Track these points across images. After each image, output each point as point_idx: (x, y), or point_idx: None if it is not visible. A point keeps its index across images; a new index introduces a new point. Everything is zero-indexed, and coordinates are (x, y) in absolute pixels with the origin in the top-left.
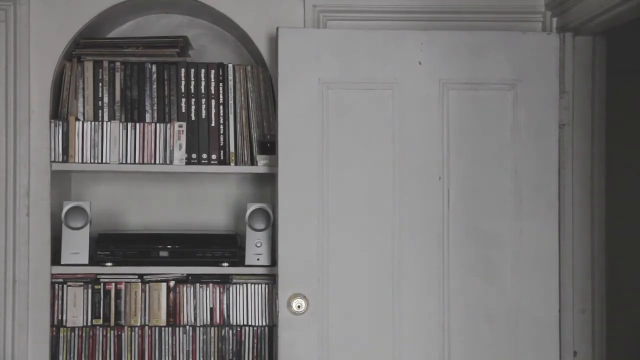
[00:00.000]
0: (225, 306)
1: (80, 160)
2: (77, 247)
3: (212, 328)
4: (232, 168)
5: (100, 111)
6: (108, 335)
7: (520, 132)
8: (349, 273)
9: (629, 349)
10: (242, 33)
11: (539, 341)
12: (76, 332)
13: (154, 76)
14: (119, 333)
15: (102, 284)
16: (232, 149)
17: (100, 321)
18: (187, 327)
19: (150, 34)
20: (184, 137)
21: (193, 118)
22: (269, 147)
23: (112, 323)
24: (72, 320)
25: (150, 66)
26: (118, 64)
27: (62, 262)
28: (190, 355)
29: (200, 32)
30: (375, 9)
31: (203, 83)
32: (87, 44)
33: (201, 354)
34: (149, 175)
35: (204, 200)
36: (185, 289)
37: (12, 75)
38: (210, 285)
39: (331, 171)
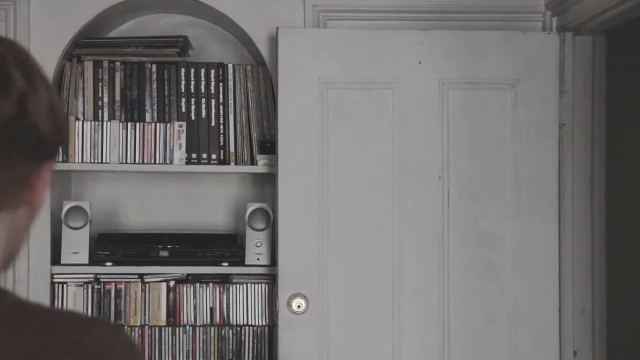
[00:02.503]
0: (225, 306)
1: (80, 160)
2: (77, 246)
3: (212, 328)
4: (232, 168)
5: (100, 111)
6: None
7: (520, 132)
8: (349, 273)
9: (629, 349)
10: (242, 33)
11: (539, 341)
12: None
13: (154, 76)
14: None
15: (102, 283)
16: (232, 149)
17: None
18: (187, 327)
19: (150, 34)
20: (184, 136)
21: (193, 118)
22: (269, 146)
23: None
24: None
25: (150, 66)
26: (118, 63)
27: (62, 262)
28: (190, 355)
29: (200, 32)
30: (375, 9)
31: (203, 83)
32: (87, 44)
33: (201, 354)
34: (149, 175)
35: (204, 200)
36: (185, 288)
37: None
38: (210, 285)
39: (331, 171)
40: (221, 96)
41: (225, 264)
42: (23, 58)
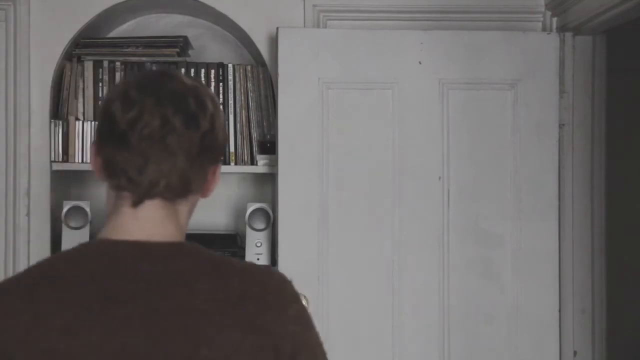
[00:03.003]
0: None
1: (80, 160)
2: None
3: None
4: (232, 168)
5: None
6: None
7: (520, 132)
8: (349, 273)
9: (629, 349)
10: (242, 33)
11: (539, 341)
12: None
13: None
14: None
15: None
16: (232, 149)
17: None
18: None
19: (150, 34)
20: None
21: None
22: (269, 147)
23: None
24: None
25: (150, 66)
26: (118, 63)
27: None
28: None
29: (200, 32)
30: (375, 9)
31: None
32: (87, 44)
33: None
34: None
35: (204, 200)
36: None
37: (12, 75)
38: None
39: (331, 171)
40: (221, 96)
41: None
42: (209, 92)
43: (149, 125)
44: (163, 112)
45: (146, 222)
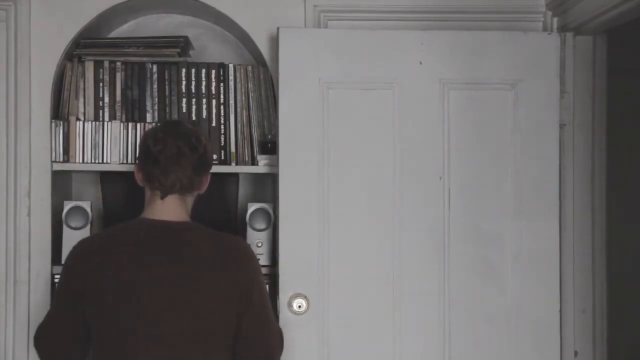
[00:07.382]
0: None
1: (81, 160)
2: None
3: None
4: (232, 168)
5: (100, 111)
6: None
7: (520, 132)
8: (350, 273)
9: (629, 349)
10: (242, 33)
11: (540, 341)
12: None
13: (155, 76)
14: None
15: None
16: (232, 149)
17: None
18: None
19: (151, 34)
20: None
21: (194, 118)
22: (269, 147)
23: None
24: None
25: (150, 66)
26: (119, 64)
27: (63, 262)
28: None
29: (200, 32)
30: (376, 9)
31: (204, 83)
32: (88, 44)
33: None
34: None
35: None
36: None
37: (13, 75)
38: None
39: (331, 171)
40: (222, 96)
41: None
42: (202, 132)
43: (170, 152)
44: (177, 144)
45: (169, 209)
